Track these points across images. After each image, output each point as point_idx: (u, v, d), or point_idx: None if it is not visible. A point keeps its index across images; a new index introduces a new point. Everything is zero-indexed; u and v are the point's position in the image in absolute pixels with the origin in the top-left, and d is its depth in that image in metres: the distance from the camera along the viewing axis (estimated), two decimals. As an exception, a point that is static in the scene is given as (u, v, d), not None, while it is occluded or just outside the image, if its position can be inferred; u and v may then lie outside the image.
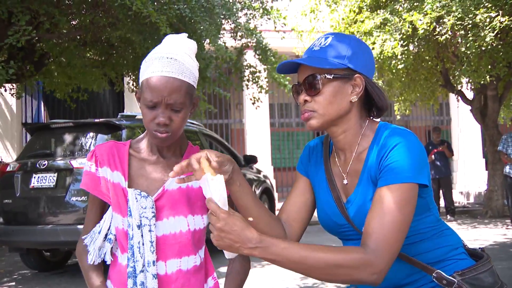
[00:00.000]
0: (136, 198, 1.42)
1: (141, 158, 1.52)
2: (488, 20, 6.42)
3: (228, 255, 1.29)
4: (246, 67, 9.32)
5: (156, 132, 1.41)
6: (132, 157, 1.52)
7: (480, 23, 6.48)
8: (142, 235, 1.41)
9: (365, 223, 1.31)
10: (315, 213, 1.59)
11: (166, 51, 1.42)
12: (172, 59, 1.40)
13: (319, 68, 1.40)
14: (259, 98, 9.42)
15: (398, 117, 11.76)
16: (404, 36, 7.35)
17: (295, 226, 1.56)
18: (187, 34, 1.50)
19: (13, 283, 5.71)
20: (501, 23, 6.37)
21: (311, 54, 1.45)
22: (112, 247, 1.49)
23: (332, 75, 1.40)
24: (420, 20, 6.79)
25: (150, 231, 1.41)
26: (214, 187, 1.26)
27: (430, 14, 6.71)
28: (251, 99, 9.47)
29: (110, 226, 1.48)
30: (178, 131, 1.44)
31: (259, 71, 9.34)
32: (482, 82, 7.72)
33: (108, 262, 1.50)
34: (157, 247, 1.43)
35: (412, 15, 6.97)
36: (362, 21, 7.91)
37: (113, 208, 1.47)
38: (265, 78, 9.43)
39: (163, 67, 1.39)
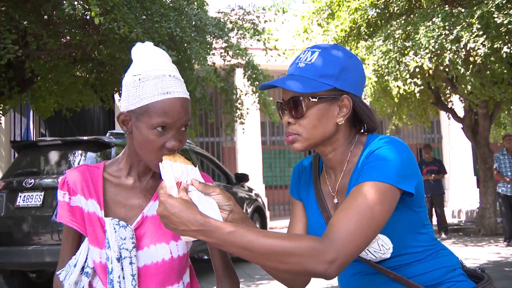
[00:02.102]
0: (114, 229, 1.30)
1: (117, 183, 1.41)
2: (476, 43, 6.49)
3: (184, 239, 1.23)
4: (234, 92, 9.37)
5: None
6: (107, 182, 1.40)
7: (472, 49, 6.54)
8: (122, 268, 1.30)
9: (333, 216, 1.23)
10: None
11: (160, 68, 1.32)
12: (174, 77, 1.31)
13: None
14: (234, 125, 9.60)
15: (388, 132, 11.82)
16: (408, 77, 7.46)
17: None
18: (152, 43, 1.40)
19: (-3, 306, 5.55)
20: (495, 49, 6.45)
21: (295, 71, 1.37)
22: (90, 281, 1.38)
23: (317, 98, 1.33)
24: (425, 63, 6.85)
25: (131, 263, 1.30)
26: (163, 173, 1.23)
27: (426, 49, 6.76)
28: (226, 126, 9.62)
29: (86, 258, 1.37)
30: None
31: (245, 94, 9.39)
32: (477, 101, 7.82)
33: None
34: (139, 279, 1.32)
35: (411, 55, 7.04)
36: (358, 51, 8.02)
37: (90, 241, 1.35)
38: (256, 99, 9.47)
39: (172, 87, 1.29)
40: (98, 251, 1.33)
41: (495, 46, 6.36)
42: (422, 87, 7.78)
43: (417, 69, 7.26)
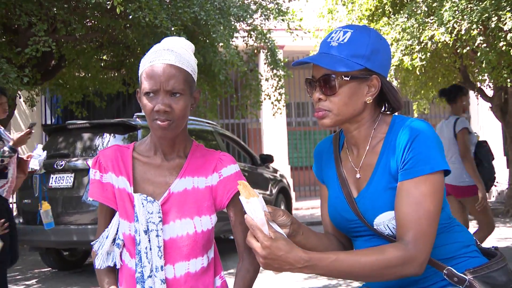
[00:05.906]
0: (142, 204, 1.41)
1: (145, 161, 1.50)
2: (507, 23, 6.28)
3: (275, 273, 1.32)
4: (260, 75, 9.35)
5: (157, 121, 1.39)
6: (136, 160, 1.50)
7: (500, 25, 6.32)
8: (149, 240, 1.40)
9: (398, 217, 1.32)
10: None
11: (163, 45, 1.45)
12: (169, 50, 1.42)
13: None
14: (255, 112, 9.81)
15: (416, 115, 11.62)
16: (424, 48, 7.26)
17: (342, 234, 1.60)
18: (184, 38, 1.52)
19: (34, 281, 5.81)
20: None
21: (327, 50, 1.42)
22: (121, 252, 1.49)
23: (350, 77, 1.38)
24: (443, 35, 6.65)
25: (157, 236, 1.41)
26: (249, 210, 1.28)
27: (449, 21, 6.55)
28: (250, 112, 9.71)
29: (117, 231, 1.48)
30: (179, 120, 1.42)
31: (265, 79, 9.37)
32: (502, 84, 7.60)
33: (118, 267, 1.50)
34: (165, 251, 1.42)
35: (432, 29, 6.84)
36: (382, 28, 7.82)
37: (120, 214, 1.46)
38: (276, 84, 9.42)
39: (160, 57, 1.40)
40: (128, 224, 1.43)
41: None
42: (424, 63, 7.56)
43: (429, 43, 7.06)
